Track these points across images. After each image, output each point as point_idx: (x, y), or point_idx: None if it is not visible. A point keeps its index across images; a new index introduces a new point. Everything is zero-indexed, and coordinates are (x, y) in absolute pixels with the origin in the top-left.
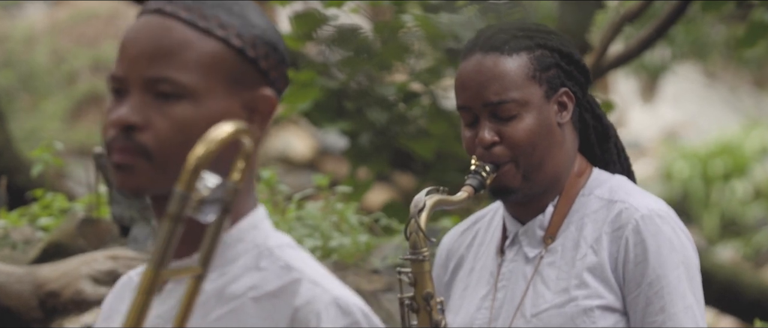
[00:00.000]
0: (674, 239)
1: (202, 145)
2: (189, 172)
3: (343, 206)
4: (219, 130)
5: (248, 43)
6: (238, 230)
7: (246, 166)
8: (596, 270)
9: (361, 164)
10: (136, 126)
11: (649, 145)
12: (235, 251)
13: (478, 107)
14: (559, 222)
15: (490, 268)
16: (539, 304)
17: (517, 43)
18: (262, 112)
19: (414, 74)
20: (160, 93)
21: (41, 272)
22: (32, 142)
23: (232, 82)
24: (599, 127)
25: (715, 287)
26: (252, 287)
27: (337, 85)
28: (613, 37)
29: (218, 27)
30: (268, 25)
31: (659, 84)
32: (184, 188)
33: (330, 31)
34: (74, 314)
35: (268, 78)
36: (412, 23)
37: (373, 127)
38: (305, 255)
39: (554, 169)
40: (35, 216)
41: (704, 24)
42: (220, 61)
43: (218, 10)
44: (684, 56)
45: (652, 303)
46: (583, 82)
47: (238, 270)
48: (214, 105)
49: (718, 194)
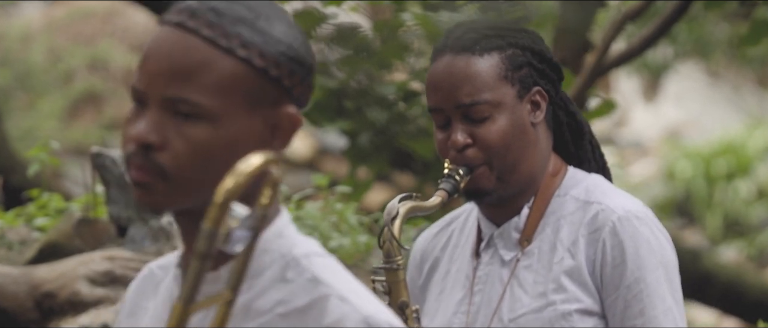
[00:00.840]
0: (652, 240)
1: (231, 179)
2: (217, 207)
3: (342, 206)
4: (247, 163)
5: (272, 62)
6: (263, 240)
7: (274, 193)
8: (574, 273)
9: (361, 163)
10: (153, 145)
11: (651, 144)
12: (261, 263)
13: (450, 109)
14: (534, 224)
15: (466, 271)
16: (517, 308)
17: (488, 43)
18: (284, 130)
19: (414, 73)
20: (179, 112)
21: (37, 273)
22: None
23: (254, 102)
24: (573, 124)
25: (718, 288)
26: (279, 302)
27: (336, 84)
28: (614, 35)
29: (240, 46)
30: (295, 38)
31: (662, 83)
32: (212, 224)
33: (329, 30)
34: (71, 316)
35: (291, 95)
36: (411, 22)
37: (373, 127)
38: (333, 264)
39: (529, 169)
40: (31, 216)
41: (707, 22)
42: (241, 81)
43: (241, 26)
44: (687, 55)
45: (631, 306)
46: (555, 80)
47: (265, 283)
48: (234, 126)
49: (721, 194)
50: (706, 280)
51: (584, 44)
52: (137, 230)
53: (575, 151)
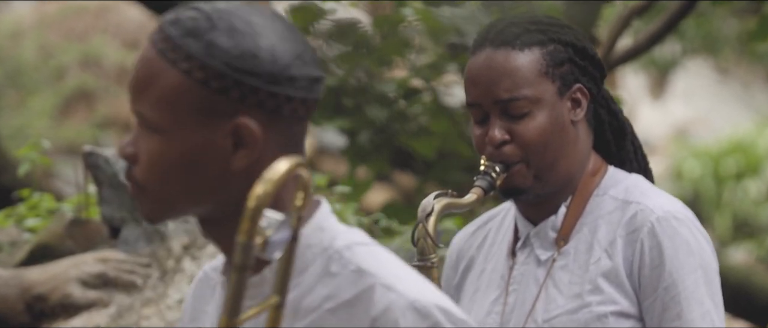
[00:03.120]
0: (692, 242)
1: (260, 187)
2: (249, 217)
3: (341, 207)
4: (275, 170)
5: (212, 74)
6: (305, 235)
7: (306, 195)
8: (611, 275)
9: (360, 163)
10: (129, 158)
11: (658, 143)
12: (305, 259)
13: (488, 104)
14: (572, 223)
15: (501, 270)
16: (551, 309)
17: (529, 38)
18: (246, 139)
19: (415, 70)
20: (144, 126)
21: (28, 275)
22: (19, 141)
23: (204, 114)
24: (615, 123)
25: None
26: (327, 298)
27: (335, 81)
28: (621, 31)
29: (184, 59)
30: (250, 48)
31: (669, 80)
32: (246, 235)
33: (328, 26)
34: (62, 319)
35: (246, 105)
36: (412, 17)
37: (373, 125)
38: (377, 251)
39: (567, 168)
40: (22, 217)
41: (715, 18)
42: (184, 94)
43: (189, 39)
44: (695, 51)
45: (668, 309)
46: (597, 77)
47: (311, 279)
48: (187, 138)
49: (730, 194)
50: None
51: (590, 40)
52: (131, 231)
53: (616, 151)
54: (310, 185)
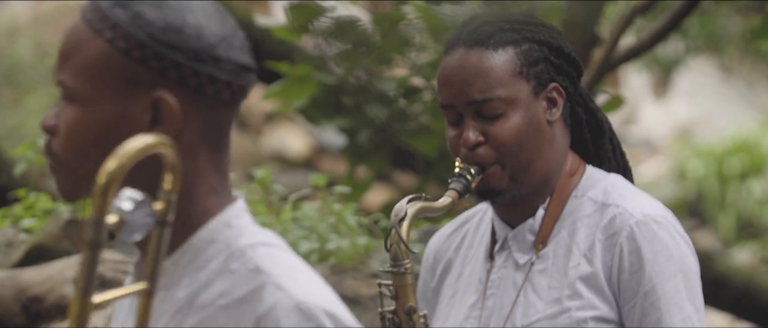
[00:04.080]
0: (671, 246)
1: (113, 161)
2: (99, 190)
3: (341, 207)
4: (130, 145)
5: (135, 44)
6: (209, 230)
7: (175, 176)
8: (590, 280)
9: (360, 162)
10: (49, 130)
11: (661, 142)
12: (207, 254)
13: (462, 105)
14: (550, 226)
15: (479, 274)
16: (530, 314)
17: (502, 37)
18: (165, 114)
19: (415, 68)
20: (65, 96)
21: (24, 276)
22: (15, 140)
23: (124, 85)
24: (593, 122)
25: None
26: (222, 294)
27: (334, 80)
28: (623, 29)
29: (108, 28)
30: (177, 22)
31: (672, 79)
32: (97, 209)
33: (327, 24)
34: (59, 320)
35: (165, 79)
36: (413, 15)
37: (373, 124)
38: (280, 253)
39: (544, 169)
40: (18, 217)
41: (719, 16)
42: (106, 63)
43: (117, 9)
44: (698, 49)
45: (648, 315)
46: (574, 75)
47: (210, 274)
48: (105, 109)
49: (734, 194)
50: (718, 284)
51: (592, 39)
52: None
53: (594, 150)
54: (178, 167)
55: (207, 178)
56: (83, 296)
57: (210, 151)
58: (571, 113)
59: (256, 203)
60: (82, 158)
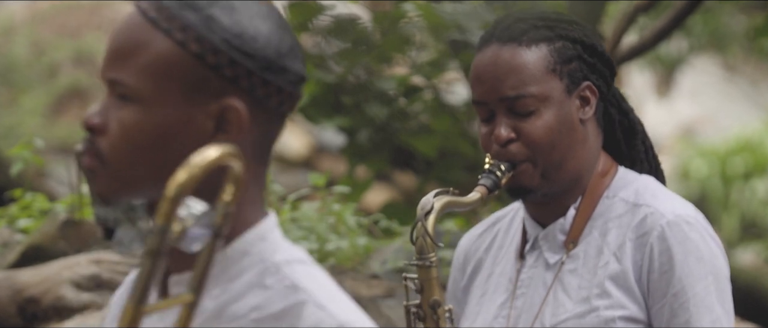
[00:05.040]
0: (702, 247)
1: (184, 172)
2: (168, 201)
3: (340, 207)
4: (202, 156)
5: (209, 48)
6: (244, 242)
7: (236, 189)
8: (619, 279)
9: (360, 162)
10: (95, 129)
11: (664, 142)
12: (240, 266)
13: (494, 102)
14: (581, 226)
15: (509, 273)
16: (559, 313)
17: (536, 34)
18: (230, 124)
19: (415, 67)
20: (118, 95)
21: (20, 277)
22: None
23: (192, 90)
24: (626, 122)
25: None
26: (255, 308)
27: (334, 78)
28: (626, 27)
29: (179, 29)
30: (250, 29)
31: (676, 78)
32: (163, 219)
33: (327, 22)
34: (55, 322)
35: (236, 87)
36: (413, 13)
37: (373, 124)
38: (317, 272)
39: (575, 168)
40: (14, 217)
41: (723, 14)
42: (175, 66)
43: (188, 10)
44: (702, 48)
45: (677, 316)
46: (607, 75)
47: (242, 287)
48: (168, 112)
49: (737, 194)
50: None
51: (600, 37)
52: (125, 231)
53: (627, 151)
54: (241, 179)
55: (250, 190)
56: (138, 304)
57: (258, 162)
58: (604, 113)
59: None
60: (136, 162)
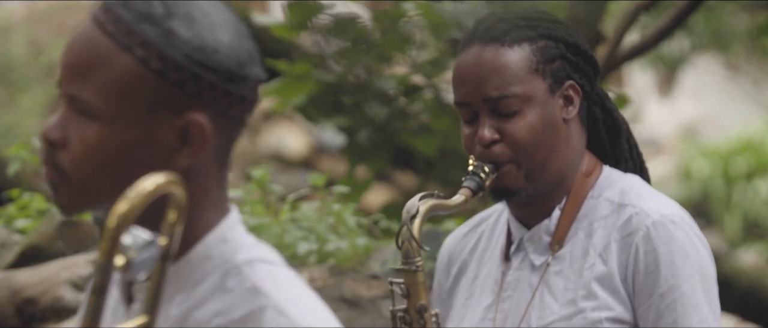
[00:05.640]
0: (688, 247)
1: (125, 203)
2: (110, 234)
3: (340, 207)
4: (143, 186)
5: (171, 65)
6: (205, 246)
7: (180, 213)
8: (605, 280)
9: (360, 162)
10: (55, 143)
11: (666, 142)
12: (202, 271)
13: (477, 103)
14: (566, 227)
15: (495, 275)
16: (545, 316)
17: (518, 34)
18: (194, 138)
19: (416, 66)
20: (78, 110)
21: (18, 278)
22: (9, 139)
23: (154, 106)
24: (609, 121)
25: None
26: (218, 313)
27: (333, 78)
28: (628, 26)
29: (139, 45)
30: (210, 41)
31: (677, 77)
32: (105, 256)
33: (326, 21)
34: (53, 322)
35: (199, 101)
36: (413, 12)
37: (372, 123)
38: (278, 271)
39: (559, 168)
40: (12, 218)
41: (725, 12)
42: (137, 83)
43: (146, 24)
44: (704, 47)
45: (663, 316)
46: (591, 73)
47: (205, 292)
48: (130, 129)
49: (740, 194)
50: (724, 285)
51: (595, 36)
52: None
53: (611, 150)
54: (184, 206)
55: (212, 194)
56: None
57: (219, 167)
58: (587, 112)
59: (254, 204)
60: (99, 178)
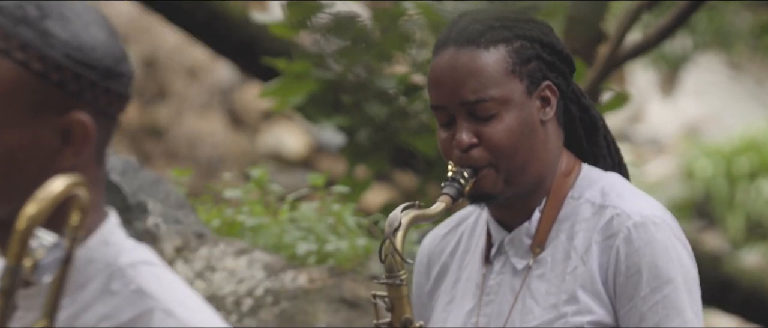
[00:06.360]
0: (670, 249)
1: (33, 206)
2: (18, 237)
3: (339, 207)
4: (50, 189)
5: (52, 65)
6: (88, 249)
7: (83, 215)
8: (586, 283)
9: (359, 161)
10: None
11: (668, 141)
12: (86, 274)
13: (454, 106)
14: (547, 229)
15: (476, 279)
16: (528, 321)
17: (493, 35)
18: (76, 137)
19: (416, 65)
20: None
21: None
22: None
23: (37, 109)
24: (586, 118)
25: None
26: (105, 317)
27: (333, 77)
28: (630, 25)
29: (18, 49)
30: (86, 39)
31: (680, 76)
32: (14, 258)
33: (326, 19)
34: None
35: (81, 100)
36: (413, 11)
37: (372, 123)
38: (162, 272)
39: (538, 170)
40: None
41: (728, 11)
42: (18, 87)
43: (22, 27)
44: (706, 46)
45: (645, 319)
46: (566, 72)
47: (90, 296)
48: (13, 134)
49: (743, 194)
50: (727, 286)
51: (597, 35)
52: None
53: (589, 148)
54: (87, 206)
55: (92, 195)
56: None
57: (97, 167)
58: (564, 111)
59: (253, 204)
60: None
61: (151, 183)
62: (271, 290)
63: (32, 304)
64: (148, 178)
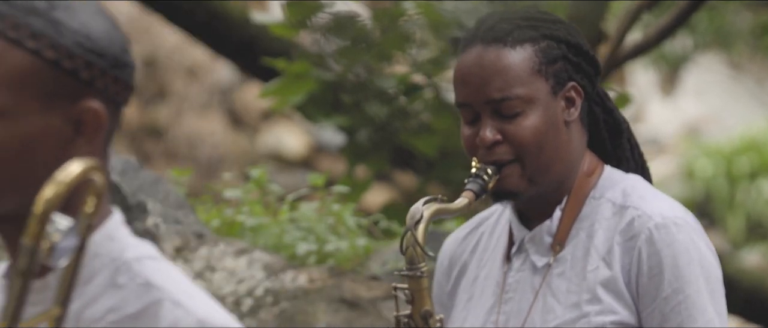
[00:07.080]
0: (692, 249)
1: (51, 189)
2: (37, 220)
3: (339, 207)
4: (67, 172)
5: (64, 53)
6: (93, 243)
7: (99, 201)
8: (609, 284)
9: (360, 161)
10: None
11: (669, 141)
12: (91, 268)
13: (479, 104)
14: (567, 227)
15: (496, 277)
16: (549, 319)
17: (521, 34)
18: (89, 126)
19: (416, 65)
20: None
21: None
22: None
23: (50, 97)
24: (610, 121)
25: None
26: (111, 310)
27: (333, 77)
28: (630, 25)
29: (29, 37)
30: (97, 28)
31: (680, 76)
32: (32, 239)
33: (326, 19)
34: None
35: (92, 88)
36: (413, 10)
37: (372, 123)
38: (167, 267)
39: (561, 170)
40: None
41: (728, 11)
42: (32, 75)
43: (32, 17)
44: (707, 46)
45: (668, 319)
46: (592, 74)
47: (96, 289)
48: (28, 122)
49: (743, 194)
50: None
51: (597, 35)
52: None
53: (612, 150)
54: (103, 191)
55: (83, 192)
56: (10, 323)
57: (103, 158)
58: (588, 112)
59: (252, 203)
60: (3, 173)
61: (150, 183)
62: (271, 290)
63: (39, 298)
64: (148, 178)
